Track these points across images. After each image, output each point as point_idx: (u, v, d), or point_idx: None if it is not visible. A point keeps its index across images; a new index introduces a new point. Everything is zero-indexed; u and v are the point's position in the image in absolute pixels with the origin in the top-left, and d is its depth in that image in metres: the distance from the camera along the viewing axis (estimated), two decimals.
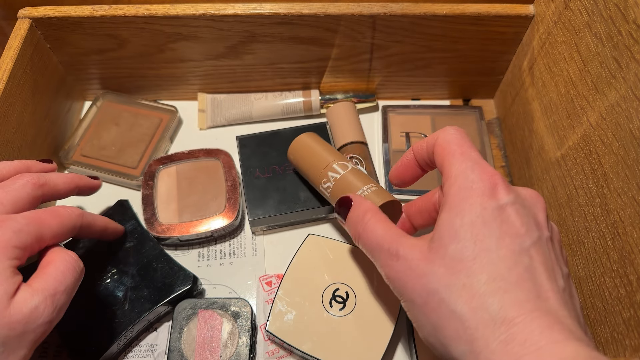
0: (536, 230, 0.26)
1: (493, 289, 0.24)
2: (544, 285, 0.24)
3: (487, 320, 0.23)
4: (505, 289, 0.24)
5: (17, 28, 0.43)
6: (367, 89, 0.53)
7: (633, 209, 0.30)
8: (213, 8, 0.43)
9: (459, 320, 0.24)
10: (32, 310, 0.27)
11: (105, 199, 0.46)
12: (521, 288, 0.24)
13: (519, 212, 0.26)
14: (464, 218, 0.26)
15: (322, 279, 0.39)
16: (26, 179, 0.33)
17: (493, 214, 0.26)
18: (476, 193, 0.26)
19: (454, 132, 0.30)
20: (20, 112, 0.42)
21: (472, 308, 0.24)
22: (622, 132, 0.30)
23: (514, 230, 0.25)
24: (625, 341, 0.30)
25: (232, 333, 0.38)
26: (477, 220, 0.25)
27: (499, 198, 0.26)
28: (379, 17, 0.44)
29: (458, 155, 0.28)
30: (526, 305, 0.23)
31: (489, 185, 0.26)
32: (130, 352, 0.39)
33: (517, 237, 0.25)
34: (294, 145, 0.42)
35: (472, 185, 0.26)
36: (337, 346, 0.36)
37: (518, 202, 0.26)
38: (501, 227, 0.25)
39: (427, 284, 0.26)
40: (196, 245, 0.45)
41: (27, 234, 0.29)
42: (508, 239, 0.25)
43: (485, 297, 0.24)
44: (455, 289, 0.24)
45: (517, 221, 0.26)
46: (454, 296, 0.24)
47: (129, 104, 0.51)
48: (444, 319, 0.25)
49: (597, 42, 0.33)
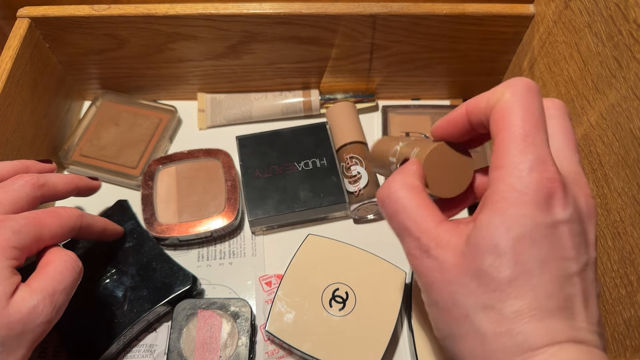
0: (585, 253, 0.23)
1: (526, 318, 0.21)
2: (579, 315, 0.22)
3: (510, 347, 0.21)
4: (540, 317, 0.21)
5: (17, 28, 0.43)
6: (367, 89, 0.53)
7: (633, 209, 0.29)
8: (213, 8, 0.43)
9: (480, 339, 0.22)
10: (30, 310, 0.27)
11: (105, 199, 0.46)
12: (558, 318, 0.22)
13: (572, 232, 0.22)
14: (508, 231, 0.22)
15: (322, 279, 0.39)
16: (25, 180, 0.33)
17: (544, 233, 0.22)
18: (529, 202, 0.22)
19: (522, 96, 0.23)
20: (20, 111, 0.42)
21: (497, 332, 0.22)
22: (622, 131, 0.30)
23: (563, 253, 0.22)
24: (625, 341, 0.30)
25: (231, 333, 0.38)
26: (523, 237, 0.22)
27: (554, 212, 0.22)
28: (378, 17, 0.43)
29: (519, 140, 0.22)
30: (554, 337, 0.21)
31: (545, 195, 0.22)
32: (129, 352, 0.39)
33: (565, 262, 0.22)
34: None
35: (526, 190, 0.22)
36: (336, 346, 0.36)
37: (574, 220, 0.23)
38: (550, 249, 0.22)
39: (454, 294, 0.23)
40: (196, 245, 0.45)
41: (25, 234, 0.29)
42: (554, 263, 0.22)
43: (514, 325, 0.22)
44: (483, 307, 0.22)
45: (569, 243, 0.22)
46: (480, 315, 0.22)
47: (128, 104, 0.51)
48: (465, 332, 0.23)
49: (597, 42, 0.33)
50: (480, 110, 0.25)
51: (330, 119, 0.50)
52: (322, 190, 0.44)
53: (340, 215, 0.46)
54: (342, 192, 0.44)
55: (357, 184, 0.44)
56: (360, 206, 0.44)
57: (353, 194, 0.44)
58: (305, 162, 0.46)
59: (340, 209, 0.45)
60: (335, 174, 0.45)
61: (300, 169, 0.45)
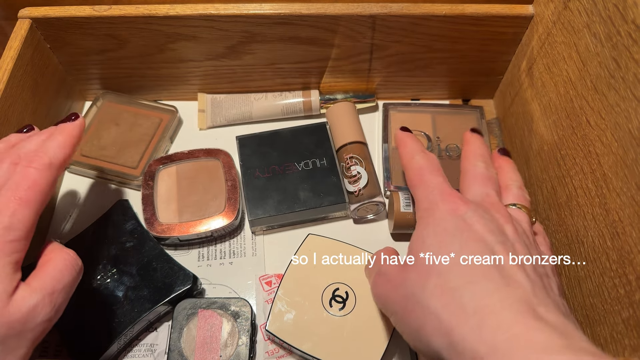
0: (500, 235, 0.28)
1: (462, 284, 0.25)
2: (513, 275, 0.26)
3: (460, 312, 0.24)
4: (474, 282, 0.25)
5: (18, 28, 0.43)
6: (367, 89, 0.53)
7: (632, 209, 0.30)
8: (213, 8, 0.43)
9: (434, 316, 0.25)
10: (30, 309, 0.27)
11: (105, 199, 0.46)
12: (489, 279, 0.25)
13: (481, 221, 0.29)
14: (429, 229, 0.29)
15: (322, 278, 0.39)
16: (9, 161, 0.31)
17: (456, 225, 0.29)
18: (439, 209, 0.30)
19: (417, 163, 0.34)
20: (21, 112, 0.42)
21: (444, 303, 0.25)
22: (621, 132, 0.30)
23: (477, 235, 0.28)
24: (624, 341, 0.30)
25: (232, 333, 0.38)
26: (440, 230, 0.29)
27: (459, 211, 0.29)
28: (378, 17, 0.44)
29: (420, 185, 0.33)
30: (495, 294, 0.24)
31: (450, 202, 0.30)
32: (130, 351, 0.39)
33: (480, 241, 0.27)
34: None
35: (435, 206, 0.30)
36: (336, 346, 0.36)
37: (478, 212, 0.29)
38: (463, 233, 0.28)
39: (404, 291, 0.28)
40: (196, 245, 0.45)
41: (18, 222, 0.28)
42: (472, 243, 0.27)
43: (455, 291, 0.25)
44: (428, 289, 0.26)
45: (481, 228, 0.28)
46: (427, 295, 0.26)
47: (129, 104, 0.51)
48: (422, 318, 0.26)
49: (596, 43, 0.33)
50: None
51: (330, 119, 0.50)
52: (322, 190, 0.44)
53: (340, 215, 0.46)
54: (342, 192, 0.44)
55: (357, 184, 0.44)
56: (360, 206, 0.44)
57: (353, 194, 0.44)
58: (305, 162, 0.46)
59: (340, 209, 0.45)
60: (335, 174, 0.45)
61: (300, 169, 0.45)
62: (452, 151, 0.49)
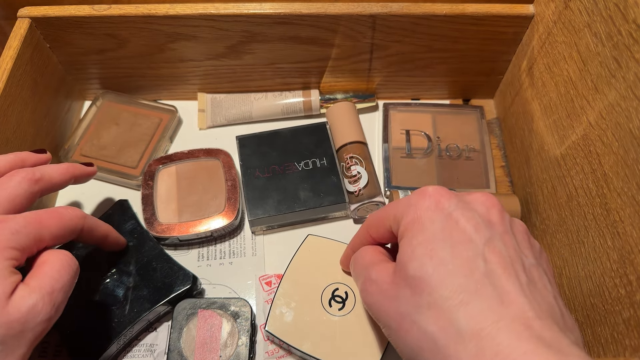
0: (487, 229, 0.26)
1: (456, 304, 0.24)
2: (505, 287, 0.24)
3: (457, 337, 0.23)
4: (467, 301, 0.24)
5: (17, 28, 0.43)
6: (367, 89, 0.53)
7: (633, 209, 0.29)
8: (213, 8, 0.43)
9: (431, 340, 0.24)
10: (30, 308, 0.27)
11: (105, 199, 0.46)
12: (482, 297, 0.24)
13: (466, 215, 0.27)
14: (417, 236, 0.27)
15: (322, 279, 0.39)
16: (21, 176, 0.33)
17: (442, 225, 0.27)
18: (424, 211, 0.28)
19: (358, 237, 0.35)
20: (20, 111, 0.42)
21: (440, 327, 0.24)
22: (621, 131, 0.30)
23: (465, 235, 0.26)
24: (625, 341, 0.30)
25: (231, 333, 0.38)
26: (429, 236, 0.26)
27: (443, 207, 0.27)
28: (378, 17, 0.44)
29: (381, 222, 0.31)
30: (490, 315, 0.23)
31: (433, 200, 0.28)
32: (129, 351, 0.39)
33: (469, 242, 0.26)
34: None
35: (418, 208, 0.28)
36: (336, 346, 0.36)
37: (463, 207, 0.27)
38: (452, 235, 0.26)
39: (398, 308, 0.27)
40: (196, 245, 0.45)
41: (25, 235, 0.29)
42: (461, 246, 0.26)
43: (450, 313, 0.24)
44: (422, 309, 0.25)
45: (467, 225, 0.26)
46: (423, 317, 0.25)
47: (128, 104, 0.51)
48: (420, 340, 0.25)
49: (597, 42, 0.33)
50: (386, 230, 0.31)
51: (330, 119, 0.50)
52: (322, 190, 0.44)
53: (340, 215, 0.46)
54: (342, 192, 0.44)
55: (357, 183, 0.44)
56: (360, 206, 0.44)
57: (353, 194, 0.44)
58: (305, 162, 0.46)
59: (340, 209, 0.45)
60: (335, 173, 0.45)
61: (300, 168, 0.45)
62: (452, 151, 0.49)
